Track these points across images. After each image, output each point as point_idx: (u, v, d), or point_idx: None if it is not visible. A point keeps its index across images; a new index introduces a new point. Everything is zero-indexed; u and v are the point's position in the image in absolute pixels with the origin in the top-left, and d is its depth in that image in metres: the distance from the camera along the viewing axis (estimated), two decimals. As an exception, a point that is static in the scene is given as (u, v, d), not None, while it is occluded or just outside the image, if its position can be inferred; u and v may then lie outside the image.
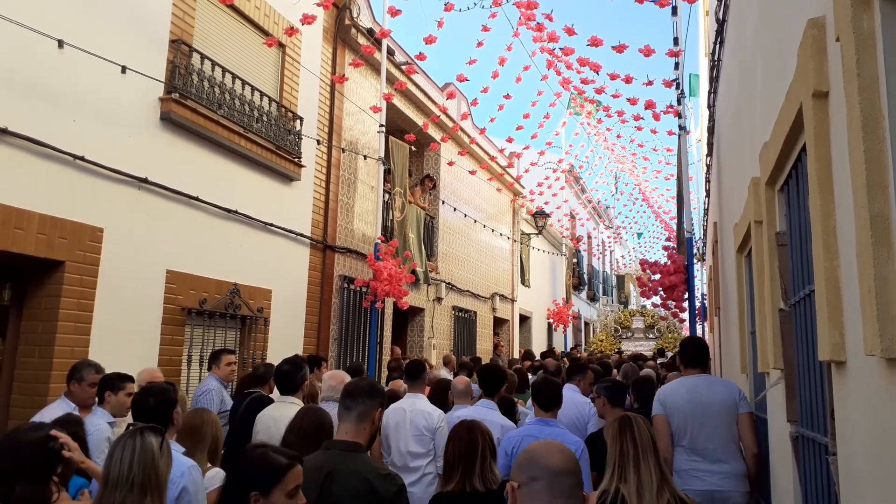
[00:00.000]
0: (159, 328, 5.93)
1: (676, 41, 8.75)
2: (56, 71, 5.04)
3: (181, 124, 6.22)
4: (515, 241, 16.83)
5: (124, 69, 5.52)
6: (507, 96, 10.42)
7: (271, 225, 7.52)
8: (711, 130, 8.08)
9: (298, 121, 8.04)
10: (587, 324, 25.63)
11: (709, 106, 7.94)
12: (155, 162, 5.94)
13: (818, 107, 1.93)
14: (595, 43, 7.51)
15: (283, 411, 3.87)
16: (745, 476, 3.84)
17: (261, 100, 7.36)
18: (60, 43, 5.02)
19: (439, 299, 12.08)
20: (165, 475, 2.28)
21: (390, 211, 9.98)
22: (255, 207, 7.26)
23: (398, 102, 10.51)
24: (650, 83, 8.51)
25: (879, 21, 1.43)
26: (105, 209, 5.43)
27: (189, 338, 6.35)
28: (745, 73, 3.96)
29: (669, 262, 8.87)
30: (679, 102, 9.10)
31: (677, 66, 8.95)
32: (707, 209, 10.81)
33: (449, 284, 12.49)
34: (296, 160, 7.92)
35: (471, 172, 13.50)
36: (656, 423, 3.96)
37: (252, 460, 2.09)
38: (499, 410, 4.48)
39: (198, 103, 6.39)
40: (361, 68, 9.28)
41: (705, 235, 12.42)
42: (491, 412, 4.32)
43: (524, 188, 16.84)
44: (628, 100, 9.24)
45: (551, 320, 19.40)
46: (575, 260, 23.02)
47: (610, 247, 32.02)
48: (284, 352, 6.95)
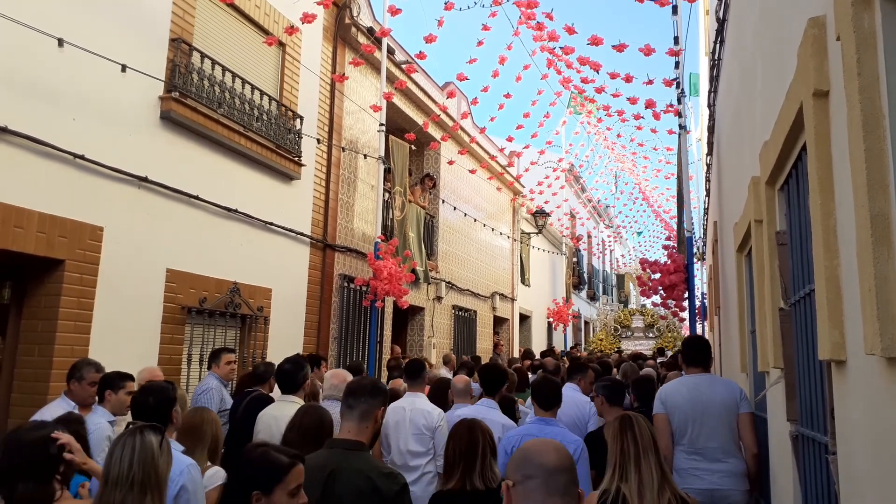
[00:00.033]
0: (159, 327, 5.93)
1: (677, 40, 8.75)
2: (56, 70, 5.04)
3: (181, 123, 6.22)
4: (515, 241, 16.82)
5: (124, 68, 5.52)
6: (508, 95, 10.42)
7: (271, 224, 7.52)
8: (711, 129, 8.08)
9: (298, 120, 8.04)
10: (587, 323, 25.63)
11: (709, 105, 7.93)
12: (155, 161, 5.94)
13: (818, 106, 1.93)
14: (595, 42, 7.51)
15: (285, 410, 3.86)
16: (745, 474, 3.84)
17: (261, 99, 7.36)
18: (60, 42, 5.01)
19: (439, 298, 12.08)
20: (165, 474, 2.28)
21: (390, 210, 9.98)
22: (255, 206, 7.26)
23: (398, 101, 10.51)
24: (650, 82, 8.51)
25: (880, 20, 1.43)
26: (105, 208, 5.43)
27: (189, 337, 6.35)
28: (746, 73, 3.96)
29: (669, 262, 8.87)
30: (679, 101, 9.10)
31: (677, 66, 8.94)
32: (707, 208, 10.81)
33: (449, 283, 12.49)
34: (296, 159, 7.92)
35: (471, 171, 13.50)
36: (657, 422, 3.96)
37: (253, 459, 2.09)
38: (500, 410, 4.48)
39: (198, 102, 6.39)
40: (361, 67, 9.28)
41: (705, 234, 12.41)
42: (492, 411, 4.32)
43: (524, 187, 16.84)
44: (628, 99, 9.23)
45: (551, 319, 19.40)
46: (575, 259, 23.02)
47: (610, 246, 32.01)
48: (284, 351, 6.96)
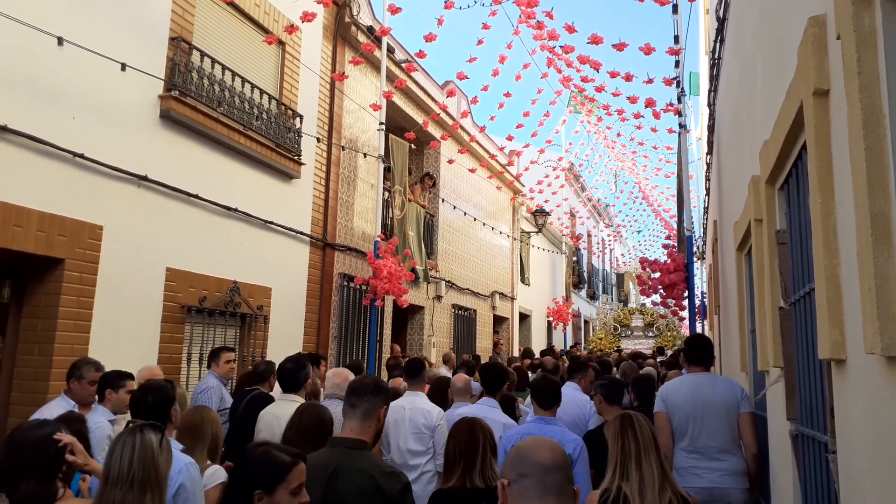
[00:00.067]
0: (159, 326, 5.93)
1: (677, 39, 8.75)
2: (56, 68, 5.04)
3: (181, 122, 6.22)
4: (515, 240, 16.82)
5: (124, 66, 5.52)
6: (508, 94, 10.41)
7: (271, 223, 7.51)
8: (711, 129, 8.07)
9: (298, 118, 8.04)
10: (587, 322, 25.64)
11: (709, 104, 7.93)
12: (155, 159, 5.93)
13: (819, 105, 1.93)
14: (595, 41, 7.51)
15: (286, 409, 3.86)
16: (745, 473, 3.84)
17: (261, 97, 7.36)
18: (60, 40, 5.01)
19: (439, 297, 12.08)
20: (165, 472, 2.28)
21: (390, 209, 9.98)
22: (255, 205, 7.26)
23: (398, 100, 10.50)
24: (650, 81, 8.51)
25: (880, 19, 1.43)
26: (105, 207, 5.43)
27: (189, 336, 6.35)
28: (746, 72, 3.96)
29: (669, 261, 8.87)
30: (679, 100, 9.10)
31: (677, 64, 8.94)
32: (707, 207, 10.81)
33: (449, 282, 12.49)
34: (295, 158, 7.91)
35: (471, 170, 13.50)
36: (658, 420, 3.97)
37: (255, 459, 2.08)
38: (501, 409, 4.48)
39: (197, 101, 6.39)
40: (361, 66, 9.27)
41: (705, 234, 12.42)
42: (493, 410, 4.31)
43: (524, 186, 16.84)
44: (628, 98, 9.23)
45: (551, 318, 19.40)
46: (575, 258, 23.02)
47: (610, 245, 32.02)
48: (284, 350, 6.96)
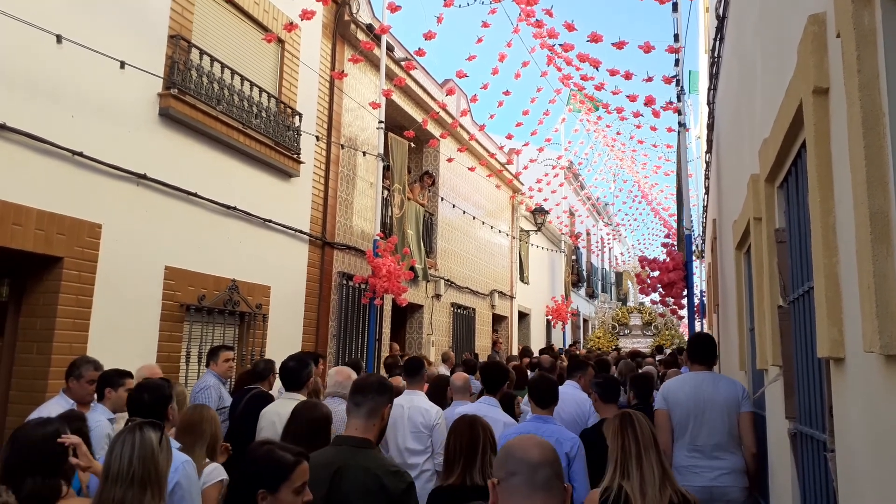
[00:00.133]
0: (158, 325, 5.93)
1: (677, 38, 8.74)
2: (55, 67, 5.03)
3: (180, 120, 6.21)
4: (514, 238, 16.82)
5: (123, 65, 5.51)
6: (507, 92, 10.41)
7: (270, 221, 7.51)
8: (711, 127, 8.08)
9: (297, 117, 8.03)
10: (586, 321, 25.65)
11: (708, 103, 7.93)
12: (154, 158, 5.93)
13: (818, 103, 1.93)
14: (595, 39, 7.51)
15: (288, 408, 3.83)
16: (744, 471, 3.85)
17: (260, 96, 7.35)
18: (59, 38, 5.00)
19: (438, 296, 12.08)
20: (165, 470, 2.29)
21: (389, 207, 9.98)
22: (254, 204, 7.25)
23: (397, 99, 10.49)
24: (650, 79, 8.50)
25: (880, 17, 1.43)
26: (104, 205, 5.42)
27: (188, 334, 6.35)
28: (745, 70, 3.96)
29: (668, 259, 8.86)
30: (679, 99, 9.08)
31: (677, 63, 8.93)
32: (706, 206, 10.81)
33: (448, 281, 12.49)
34: (295, 156, 7.91)
35: (470, 169, 13.49)
36: (658, 418, 3.97)
37: (258, 458, 2.08)
38: (501, 407, 4.48)
39: (197, 99, 6.38)
40: (360, 64, 9.25)
41: (704, 232, 12.42)
42: (493, 409, 4.30)
43: (523, 185, 16.83)
44: (628, 96, 9.24)
45: (550, 317, 19.41)
46: (574, 257, 23.03)
47: (609, 244, 32.03)
48: (283, 348, 6.96)
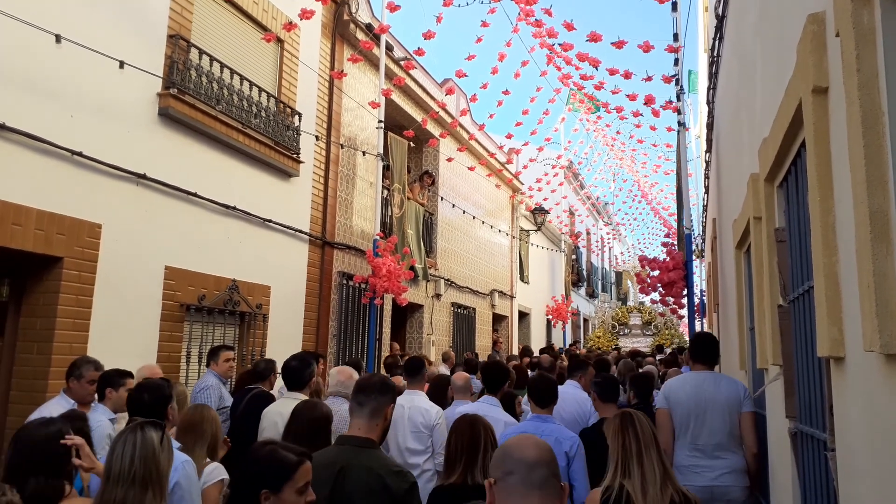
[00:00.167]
0: (158, 324, 5.93)
1: (676, 37, 8.74)
2: (54, 66, 5.02)
3: (179, 120, 6.21)
4: (514, 238, 16.82)
5: (122, 64, 5.51)
6: (506, 92, 10.41)
7: (270, 221, 7.51)
8: (711, 127, 8.08)
9: (297, 116, 8.03)
10: (586, 320, 25.65)
11: (708, 102, 7.93)
12: (153, 158, 5.92)
13: (818, 102, 1.93)
14: (594, 38, 7.51)
15: (291, 407, 3.85)
16: (745, 471, 3.85)
17: (259, 95, 7.35)
18: (58, 38, 5.00)
19: (438, 296, 12.08)
20: (166, 469, 2.29)
21: (389, 207, 9.98)
22: (254, 203, 7.25)
23: (397, 98, 10.49)
24: (649, 79, 8.50)
25: (879, 16, 1.43)
26: (103, 205, 5.42)
27: (188, 334, 6.35)
28: (745, 69, 3.96)
29: (668, 259, 8.87)
30: (678, 98, 9.08)
31: (677, 62, 8.93)
32: (706, 205, 10.81)
33: (448, 281, 12.49)
34: (294, 156, 7.91)
35: (469, 168, 13.49)
36: (659, 417, 3.97)
37: (261, 458, 2.07)
38: (502, 407, 4.48)
39: (196, 99, 6.38)
40: (360, 64, 9.25)
41: (704, 232, 12.42)
42: (494, 409, 4.30)
43: (523, 184, 16.83)
44: (627, 96, 9.23)
45: (550, 317, 19.41)
46: (574, 256, 23.03)
47: (609, 243, 32.02)
48: (283, 348, 6.96)
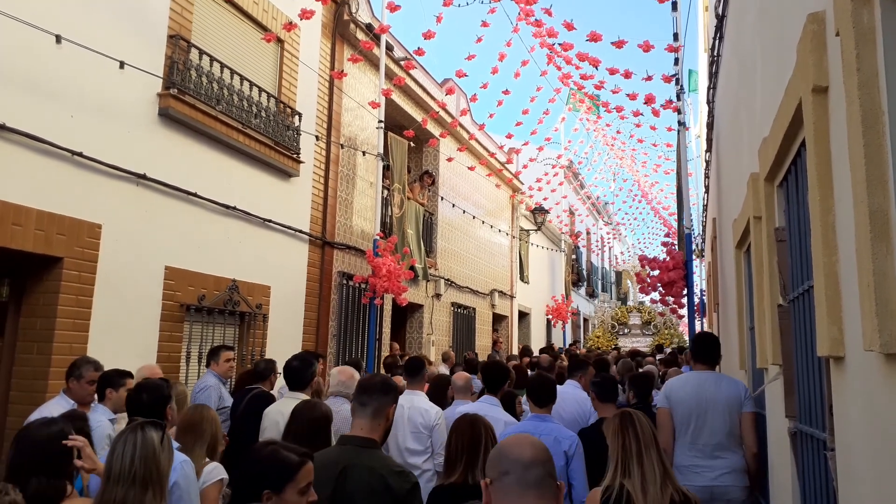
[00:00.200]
0: (158, 325, 5.93)
1: (676, 36, 8.74)
2: (54, 67, 5.02)
3: (179, 120, 6.21)
4: (514, 238, 16.82)
5: (122, 65, 5.51)
6: (507, 92, 10.41)
7: (270, 221, 7.51)
8: (711, 126, 8.08)
9: (297, 116, 8.03)
10: (586, 320, 25.65)
11: (708, 101, 7.93)
12: (153, 158, 5.92)
13: (818, 102, 1.93)
14: (594, 38, 7.51)
15: (292, 407, 3.85)
16: (745, 471, 3.85)
17: (259, 95, 7.35)
18: (58, 38, 5.00)
19: (438, 296, 12.08)
20: (167, 469, 2.29)
21: (389, 207, 9.97)
22: (254, 203, 7.25)
23: (397, 98, 10.49)
24: (649, 78, 8.50)
25: (879, 16, 1.43)
26: (103, 205, 5.42)
27: (188, 334, 6.35)
28: (745, 69, 3.96)
29: (668, 258, 8.87)
30: (678, 98, 9.08)
31: (677, 62, 8.93)
32: (706, 205, 10.81)
33: (448, 281, 12.49)
34: (294, 156, 7.91)
35: (470, 168, 13.49)
36: (659, 416, 3.97)
37: (263, 458, 2.07)
38: (502, 407, 4.48)
39: (196, 99, 6.38)
40: (360, 64, 9.25)
41: (704, 231, 12.43)
42: (494, 408, 4.30)
43: (523, 184, 16.82)
44: (627, 95, 9.23)
45: (550, 316, 19.41)
46: (574, 256, 23.03)
47: (609, 243, 32.02)
48: (283, 348, 6.96)
